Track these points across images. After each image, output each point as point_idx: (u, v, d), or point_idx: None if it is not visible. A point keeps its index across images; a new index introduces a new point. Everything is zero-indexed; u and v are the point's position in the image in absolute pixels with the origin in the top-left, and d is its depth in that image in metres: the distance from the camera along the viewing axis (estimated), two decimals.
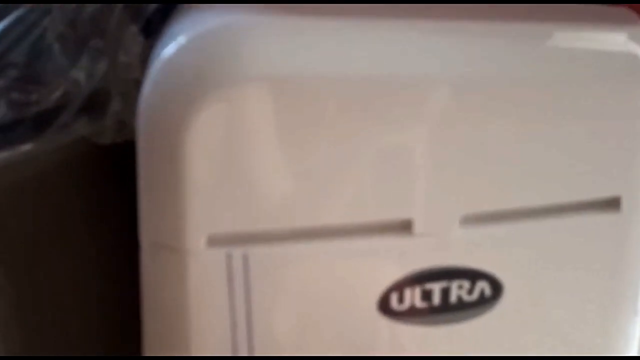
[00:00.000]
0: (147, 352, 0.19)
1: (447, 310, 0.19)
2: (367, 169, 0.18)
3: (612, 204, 0.20)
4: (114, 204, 0.24)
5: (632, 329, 0.21)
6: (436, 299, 0.19)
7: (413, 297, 0.19)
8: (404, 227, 0.18)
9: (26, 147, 0.22)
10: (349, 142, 0.17)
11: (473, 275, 0.19)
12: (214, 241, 0.17)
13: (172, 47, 0.17)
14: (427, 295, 0.19)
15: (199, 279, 0.18)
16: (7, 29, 0.20)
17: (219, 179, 0.17)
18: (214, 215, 0.17)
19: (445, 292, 0.19)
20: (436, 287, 0.19)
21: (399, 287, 0.19)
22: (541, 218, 0.19)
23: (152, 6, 0.21)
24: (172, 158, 0.17)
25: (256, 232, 0.17)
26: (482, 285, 0.19)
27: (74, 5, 0.21)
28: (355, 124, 0.17)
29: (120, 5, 0.21)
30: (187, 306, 0.18)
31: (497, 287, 0.20)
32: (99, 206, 0.24)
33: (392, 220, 0.18)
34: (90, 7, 0.21)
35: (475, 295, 0.19)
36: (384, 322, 0.19)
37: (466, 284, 0.19)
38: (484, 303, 0.20)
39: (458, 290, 0.19)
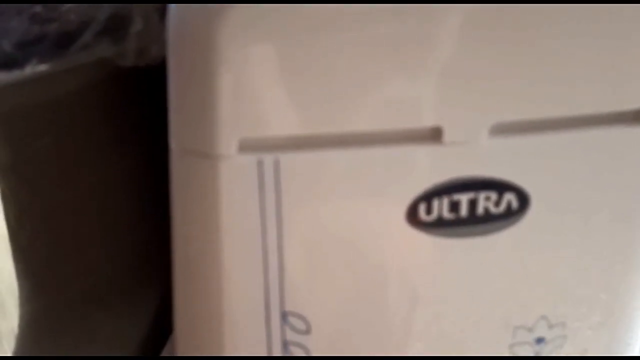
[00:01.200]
0: (177, 261, 0.20)
1: (475, 222, 0.20)
2: (398, 75, 0.18)
3: (637, 116, 0.20)
4: (136, 126, 0.24)
5: None
6: (463, 211, 0.19)
7: (441, 208, 0.19)
8: (434, 135, 0.18)
9: (48, 65, 0.22)
10: (380, 47, 0.17)
11: (500, 187, 0.19)
12: (246, 147, 0.17)
13: None
14: (454, 207, 0.19)
15: (230, 185, 0.18)
16: None
17: (250, 82, 0.17)
18: (245, 120, 0.17)
19: (473, 204, 0.19)
20: (464, 198, 0.19)
21: (427, 197, 0.19)
22: (568, 130, 0.19)
23: None
24: (203, 62, 0.17)
25: (287, 138, 0.18)
26: (509, 197, 0.19)
27: None
28: (386, 28, 0.17)
29: None
30: (218, 212, 0.18)
31: (524, 200, 0.20)
32: (122, 128, 0.25)
33: (422, 128, 0.18)
34: None
35: (502, 207, 0.20)
36: (412, 233, 0.19)
37: (493, 195, 0.19)
38: (510, 215, 0.20)
39: (485, 201, 0.19)
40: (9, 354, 0.25)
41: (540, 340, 0.22)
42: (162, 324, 0.32)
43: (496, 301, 0.21)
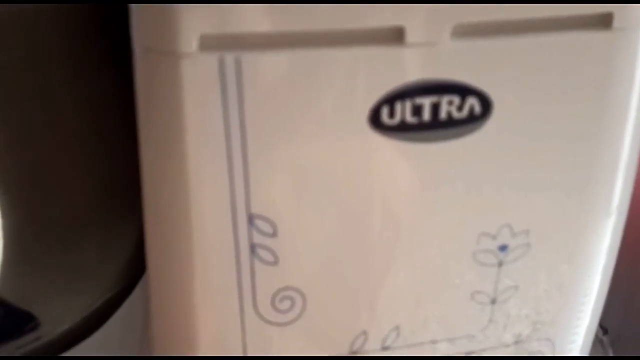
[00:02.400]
0: (144, 164, 0.20)
1: (438, 127, 0.20)
2: None
3: (604, 21, 0.20)
4: (115, 46, 0.24)
5: (617, 155, 0.22)
6: (426, 115, 0.20)
7: (404, 111, 0.19)
8: (396, 35, 0.18)
9: None
10: None
11: (463, 91, 0.19)
12: (207, 44, 0.17)
13: None
14: (417, 110, 0.19)
15: (192, 84, 0.18)
16: None
17: None
18: (206, 17, 0.17)
19: (435, 108, 0.20)
20: (426, 102, 0.19)
21: (390, 100, 0.19)
22: (533, 33, 0.19)
23: None
24: None
25: (248, 36, 0.18)
26: (472, 102, 0.20)
27: None
28: None
29: None
30: (182, 113, 0.18)
31: (486, 105, 0.20)
32: (100, 48, 0.24)
33: (384, 27, 0.18)
34: None
35: (465, 112, 0.20)
36: (375, 137, 0.19)
37: (456, 99, 0.20)
38: (473, 121, 0.20)
39: (448, 106, 0.20)
40: None
41: (503, 248, 0.22)
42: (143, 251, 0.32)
43: (460, 208, 0.21)
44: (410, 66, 0.19)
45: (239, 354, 0.23)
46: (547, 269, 0.23)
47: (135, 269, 0.32)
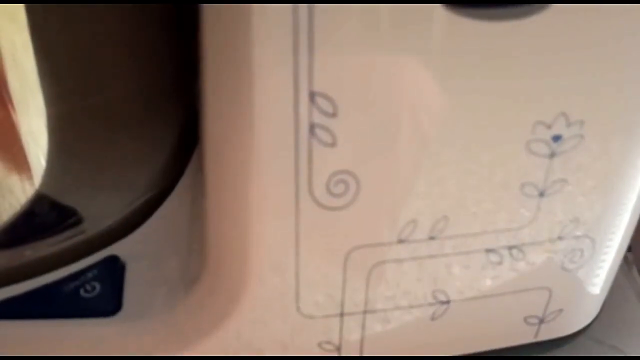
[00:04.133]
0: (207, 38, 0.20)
1: (503, 3, 0.20)
2: None
3: None
4: None
5: None
6: None
7: None
8: None
9: None
10: None
11: None
12: None
13: None
14: None
15: None
16: None
17: None
18: None
19: None
20: None
21: None
22: None
23: None
24: None
25: None
26: None
27: None
28: None
29: None
30: None
31: None
32: None
33: None
34: None
35: None
36: (441, 11, 0.19)
37: None
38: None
39: None
40: (32, 154, 0.25)
41: (557, 138, 0.23)
42: (186, 142, 0.33)
43: (518, 93, 0.21)
44: None
45: (292, 239, 0.23)
46: (597, 164, 0.24)
47: (174, 170, 0.32)
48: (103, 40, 0.26)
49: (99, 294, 0.27)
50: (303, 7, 0.18)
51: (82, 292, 0.27)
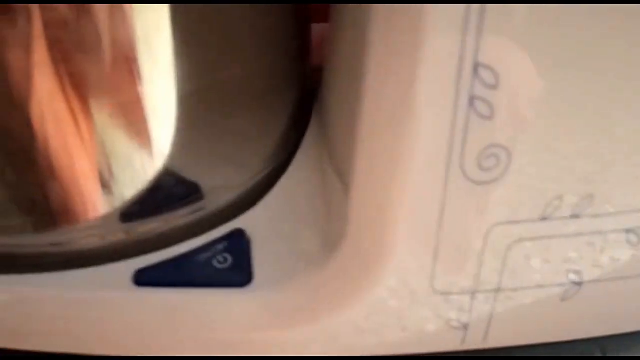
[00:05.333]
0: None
1: None
2: None
3: None
4: None
5: None
6: None
7: None
8: None
9: None
10: None
11: None
12: None
13: None
14: None
15: None
16: None
17: None
18: None
19: None
20: None
21: None
22: None
23: None
24: None
25: None
26: None
27: None
28: None
29: None
30: None
31: None
32: None
33: None
34: None
35: None
36: None
37: None
38: None
39: None
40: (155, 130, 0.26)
41: None
42: (301, 115, 0.33)
43: None
44: None
45: (436, 212, 0.23)
46: None
47: (292, 142, 0.33)
48: (238, 23, 0.26)
49: (231, 265, 0.27)
50: None
51: (215, 263, 0.27)
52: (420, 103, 0.21)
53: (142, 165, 0.27)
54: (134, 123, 0.26)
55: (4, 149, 0.25)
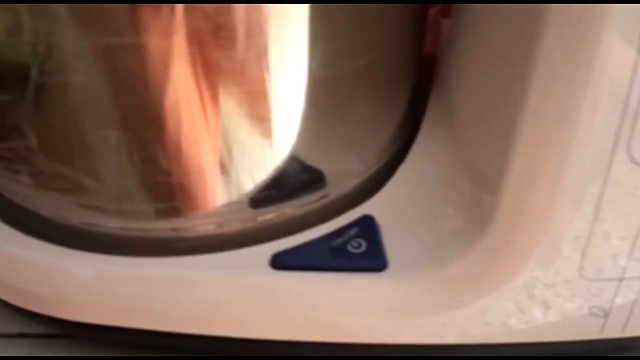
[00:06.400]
0: None
1: None
2: None
3: None
4: None
5: None
6: None
7: None
8: None
9: None
10: None
11: None
12: None
13: None
14: None
15: None
16: None
17: None
18: None
19: None
20: None
21: None
22: None
23: None
24: None
25: None
26: None
27: None
28: None
29: None
30: None
31: None
32: None
33: None
34: None
35: None
36: None
37: None
38: None
39: None
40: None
41: None
42: (418, 103, 0.33)
43: None
44: None
45: (596, 195, 0.23)
46: None
47: (407, 132, 0.33)
48: (370, 10, 0.26)
49: (366, 250, 0.27)
50: None
51: (349, 247, 0.27)
52: (596, 85, 0.20)
53: (271, 153, 0.28)
54: (263, 111, 0.26)
55: (137, 134, 0.26)
